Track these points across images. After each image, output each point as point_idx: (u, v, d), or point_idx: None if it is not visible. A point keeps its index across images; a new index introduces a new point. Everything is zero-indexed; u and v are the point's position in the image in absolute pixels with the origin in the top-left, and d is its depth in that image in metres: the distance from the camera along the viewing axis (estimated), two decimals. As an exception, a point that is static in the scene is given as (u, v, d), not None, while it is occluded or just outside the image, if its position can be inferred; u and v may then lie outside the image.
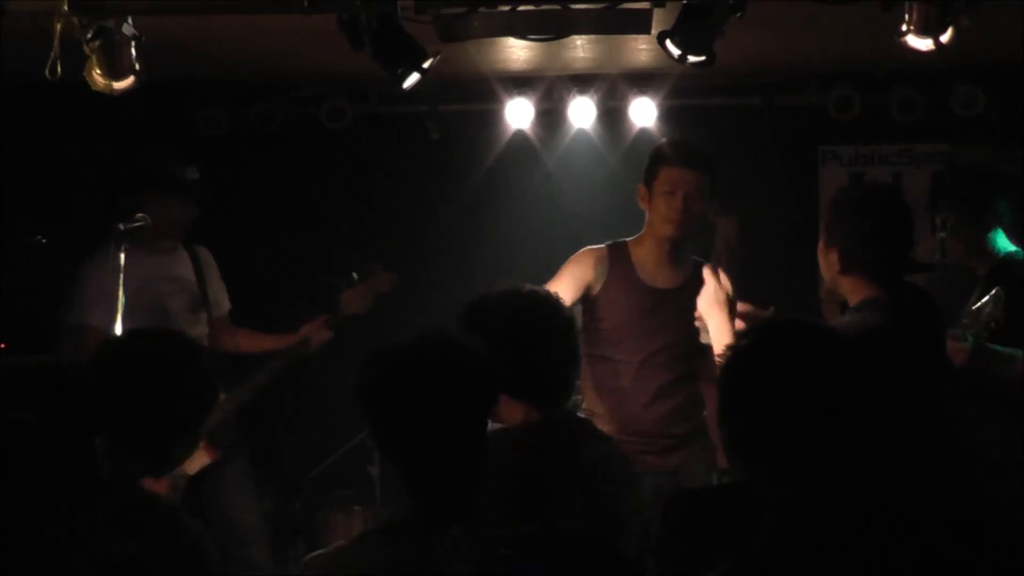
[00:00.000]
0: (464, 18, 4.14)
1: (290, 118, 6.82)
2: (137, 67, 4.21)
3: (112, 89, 4.21)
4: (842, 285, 3.70)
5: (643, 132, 6.76)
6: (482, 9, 4.12)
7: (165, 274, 5.20)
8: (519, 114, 6.62)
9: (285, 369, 5.38)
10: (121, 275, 4.47)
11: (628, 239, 4.51)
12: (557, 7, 4.14)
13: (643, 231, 4.47)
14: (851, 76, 6.64)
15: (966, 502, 2.76)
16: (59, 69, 4.00)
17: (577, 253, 4.52)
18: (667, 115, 6.70)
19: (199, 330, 5.27)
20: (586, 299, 4.45)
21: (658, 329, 4.36)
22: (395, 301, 5.61)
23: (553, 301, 3.20)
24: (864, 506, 2.15)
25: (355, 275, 5.45)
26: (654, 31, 4.22)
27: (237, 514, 5.32)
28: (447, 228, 7.02)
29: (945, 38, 4.00)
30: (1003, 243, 4.68)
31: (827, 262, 3.71)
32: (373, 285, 5.49)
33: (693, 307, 4.08)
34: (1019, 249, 4.70)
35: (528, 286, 3.21)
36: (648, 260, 4.42)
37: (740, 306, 4.00)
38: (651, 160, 4.42)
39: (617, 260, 4.44)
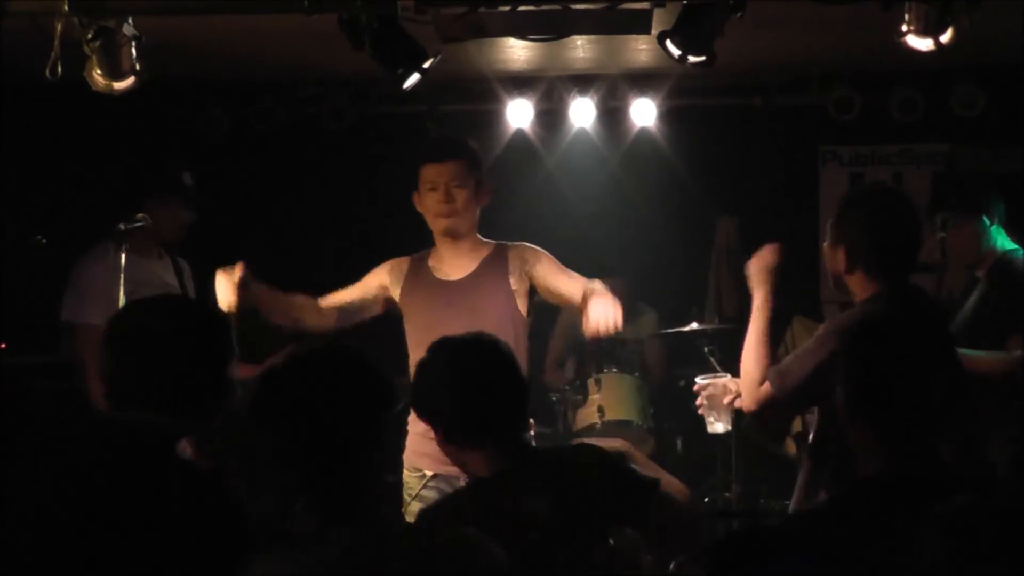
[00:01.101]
0: (464, 18, 4.14)
1: (290, 118, 6.82)
2: (137, 67, 4.21)
3: (112, 89, 4.21)
4: (848, 283, 3.73)
5: (643, 132, 6.77)
6: (482, 9, 4.12)
7: (158, 279, 5.18)
8: (519, 114, 6.63)
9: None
10: (122, 275, 4.46)
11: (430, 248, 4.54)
12: (557, 7, 4.14)
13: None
14: (851, 76, 6.64)
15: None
16: (59, 69, 4.00)
17: None
18: (667, 115, 6.71)
19: None
20: (396, 306, 4.47)
21: (456, 320, 4.31)
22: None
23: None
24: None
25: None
26: (654, 31, 4.23)
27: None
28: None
29: (945, 38, 4.00)
30: (1003, 240, 4.71)
31: (833, 260, 3.73)
32: None
33: (491, 292, 4.22)
34: (1017, 247, 4.73)
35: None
36: (442, 258, 4.44)
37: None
38: (414, 165, 4.46)
39: (416, 263, 4.49)
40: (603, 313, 4.00)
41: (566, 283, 4.34)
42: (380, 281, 4.51)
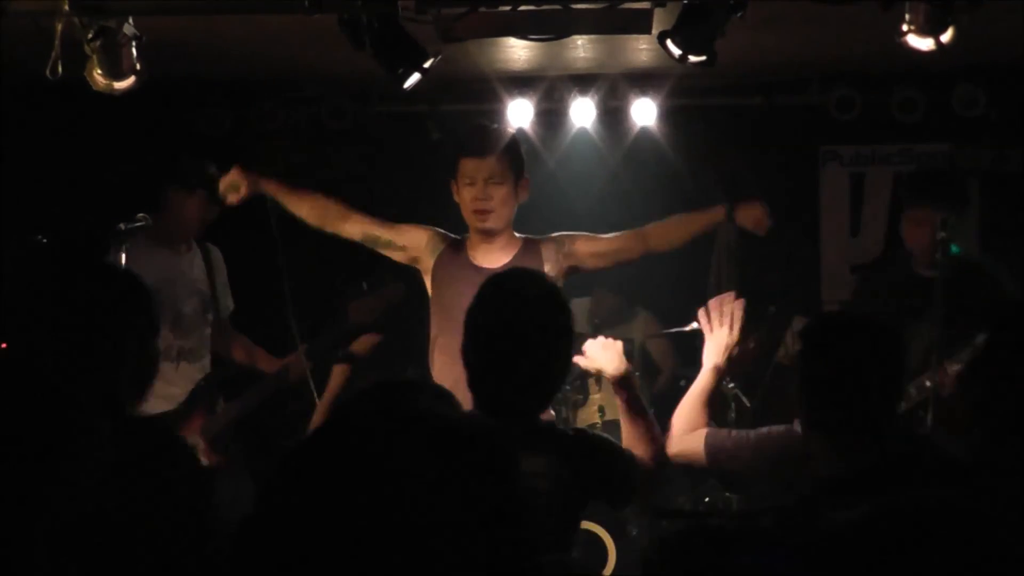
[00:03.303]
0: (465, 18, 4.14)
1: (291, 118, 6.82)
2: (138, 67, 4.21)
3: (113, 89, 4.21)
4: None
5: (644, 132, 6.76)
6: (482, 9, 4.12)
7: (180, 276, 5.21)
8: (520, 114, 6.62)
9: (269, 395, 5.31)
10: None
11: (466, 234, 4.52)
12: (558, 7, 4.14)
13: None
14: (851, 76, 6.64)
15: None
16: (60, 69, 4.01)
17: None
18: (667, 115, 6.70)
19: (205, 332, 5.26)
20: (419, 271, 4.50)
21: None
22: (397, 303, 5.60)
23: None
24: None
25: (364, 285, 5.42)
26: (654, 31, 4.23)
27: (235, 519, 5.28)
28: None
29: (946, 38, 4.00)
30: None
31: None
32: (383, 296, 5.45)
33: None
34: (957, 247, 4.73)
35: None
36: (476, 247, 4.43)
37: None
38: (451, 155, 4.45)
39: (455, 243, 4.48)
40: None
41: (613, 237, 4.43)
42: (416, 240, 4.48)
